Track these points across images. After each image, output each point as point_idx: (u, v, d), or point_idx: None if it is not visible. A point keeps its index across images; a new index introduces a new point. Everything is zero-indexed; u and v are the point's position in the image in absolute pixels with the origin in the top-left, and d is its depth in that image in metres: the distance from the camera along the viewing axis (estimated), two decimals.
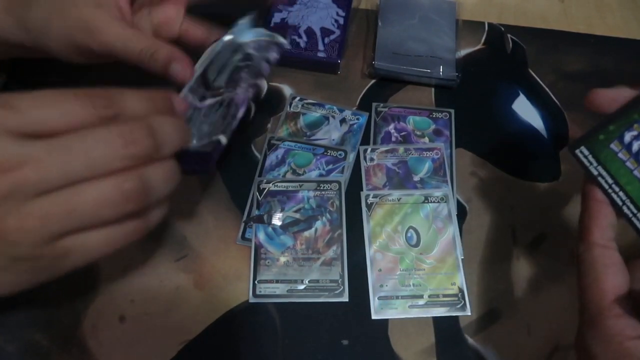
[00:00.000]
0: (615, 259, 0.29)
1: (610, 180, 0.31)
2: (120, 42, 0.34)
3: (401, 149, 0.48)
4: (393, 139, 0.49)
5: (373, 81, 0.53)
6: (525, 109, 0.52)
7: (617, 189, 0.31)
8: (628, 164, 0.31)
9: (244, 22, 0.40)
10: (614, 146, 0.31)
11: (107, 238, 0.26)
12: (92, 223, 0.25)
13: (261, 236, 0.43)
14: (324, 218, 0.44)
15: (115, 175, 0.24)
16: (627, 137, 0.30)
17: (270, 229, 0.43)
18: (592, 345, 0.27)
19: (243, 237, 0.43)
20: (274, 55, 0.40)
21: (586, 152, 0.32)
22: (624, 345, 0.26)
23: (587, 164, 0.32)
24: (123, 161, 0.24)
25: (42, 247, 0.24)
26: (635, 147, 0.30)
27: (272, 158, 0.47)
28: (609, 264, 0.29)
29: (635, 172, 0.30)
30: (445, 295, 0.41)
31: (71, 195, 0.24)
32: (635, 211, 0.30)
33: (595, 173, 0.31)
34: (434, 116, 0.50)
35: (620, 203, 0.31)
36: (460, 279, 0.41)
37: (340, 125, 0.49)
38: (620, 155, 0.31)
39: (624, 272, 0.29)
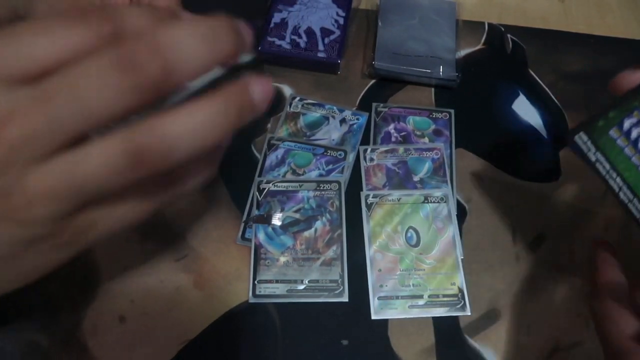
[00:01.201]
0: (626, 309, 0.31)
1: (607, 167, 0.31)
2: None
3: (401, 149, 0.48)
4: (393, 139, 0.49)
5: (373, 81, 0.53)
6: (525, 109, 0.52)
7: (614, 175, 0.31)
8: (626, 150, 0.30)
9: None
10: (613, 133, 0.31)
11: (135, 205, 0.22)
12: (110, 191, 0.20)
13: (261, 236, 0.43)
14: (323, 218, 0.44)
15: (121, 130, 0.19)
16: (627, 124, 0.30)
17: (270, 229, 0.43)
18: None
19: (243, 237, 0.43)
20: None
21: (585, 138, 0.32)
22: None
23: (586, 150, 0.32)
24: (125, 98, 0.18)
25: (60, 222, 0.20)
26: (634, 134, 0.30)
27: (272, 158, 0.47)
28: (619, 314, 0.31)
29: (634, 159, 0.30)
30: (445, 296, 0.41)
31: (73, 161, 0.19)
32: (631, 197, 0.30)
33: (593, 159, 0.31)
34: (433, 116, 0.50)
35: (617, 189, 0.31)
36: (460, 279, 0.41)
37: (340, 125, 0.49)
38: (619, 142, 0.31)
39: (635, 317, 0.30)
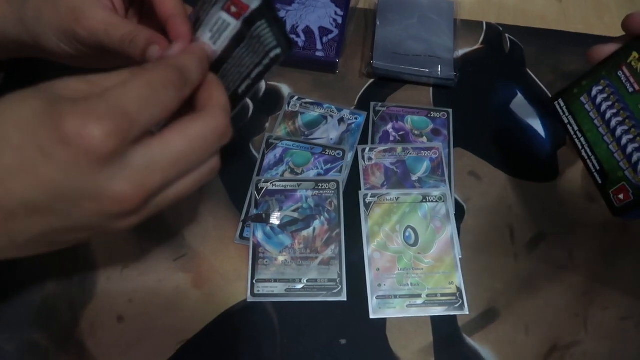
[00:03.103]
0: None
1: (576, 128, 0.37)
2: (103, 27, 0.34)
3: (399, 148, 0.48)
4: (391, 138, 0.49)
5: (371, 80, 0.53)
6: (523, 109, 0.52)
7: (580, 135, 0.37)
8: (591, 114, 0.36)
9: None
10: (583, 99, 0.37)
11: (192, 187, 0.30)
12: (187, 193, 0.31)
13: (259, 235, 0.43)
14: (322, 217, 0.44)
15: (207, 162, 0.30)
16: (594, 91, 0.36)
17: (268, 229, 0.43)
18: None
19: (241, 237, 0.43)
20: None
21: (562, 104, 0.39)
22: None
23: (561, 113, 0.38)
24: (214, 154, 0.30)
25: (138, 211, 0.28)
26: (599, 99, 0.36)
27: (270, 157, 0.47)
28: None
29: (595, 121, 0.36)
30: (443, 295, 0.41)
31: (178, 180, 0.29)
32: (590, 154, 0.36)
33: (566, 121, 0.38)
34: (432, 116, 0.50)
35: (580, 147, 0.37)
36: (458, 279, 0.41)
37: (339, 124, 0.49)
38: (586, 106, 0.37)
39: None
